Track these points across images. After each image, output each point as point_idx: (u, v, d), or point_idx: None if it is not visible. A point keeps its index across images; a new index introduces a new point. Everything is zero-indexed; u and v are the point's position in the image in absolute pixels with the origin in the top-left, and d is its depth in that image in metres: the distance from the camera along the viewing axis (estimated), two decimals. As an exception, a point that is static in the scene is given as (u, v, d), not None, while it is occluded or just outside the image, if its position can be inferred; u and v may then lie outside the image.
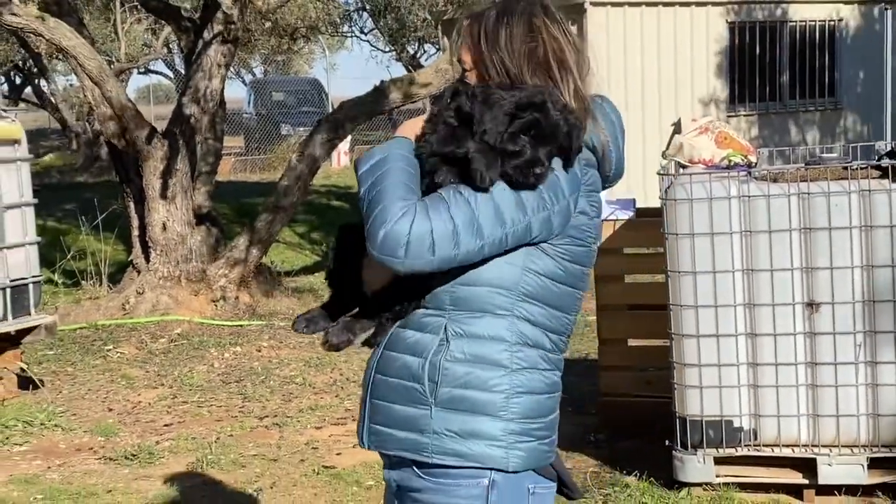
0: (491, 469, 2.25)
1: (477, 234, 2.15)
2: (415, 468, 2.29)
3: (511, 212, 2.18)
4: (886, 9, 12.18)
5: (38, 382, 6.75)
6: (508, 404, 2.25)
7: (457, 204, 2.16)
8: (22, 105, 28.03)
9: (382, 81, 8.58)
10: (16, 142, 6.37)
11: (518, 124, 2.17)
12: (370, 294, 2.35)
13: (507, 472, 2.27)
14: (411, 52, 27.55)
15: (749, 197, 4.60)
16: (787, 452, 4.69)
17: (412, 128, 2.31)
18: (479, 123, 2.17)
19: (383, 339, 2.34)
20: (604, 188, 2.40)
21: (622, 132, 2.40)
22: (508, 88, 2.23)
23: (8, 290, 6.37)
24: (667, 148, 5.36)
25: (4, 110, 6.57)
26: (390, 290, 2.30)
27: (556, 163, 2.23)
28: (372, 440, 2.34)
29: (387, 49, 28.68)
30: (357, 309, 2.39)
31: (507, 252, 2.23)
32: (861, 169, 4.60)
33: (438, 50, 23.89)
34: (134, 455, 5.64)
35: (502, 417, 2.25)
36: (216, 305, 8.82)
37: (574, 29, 2.43)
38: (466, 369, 2.24)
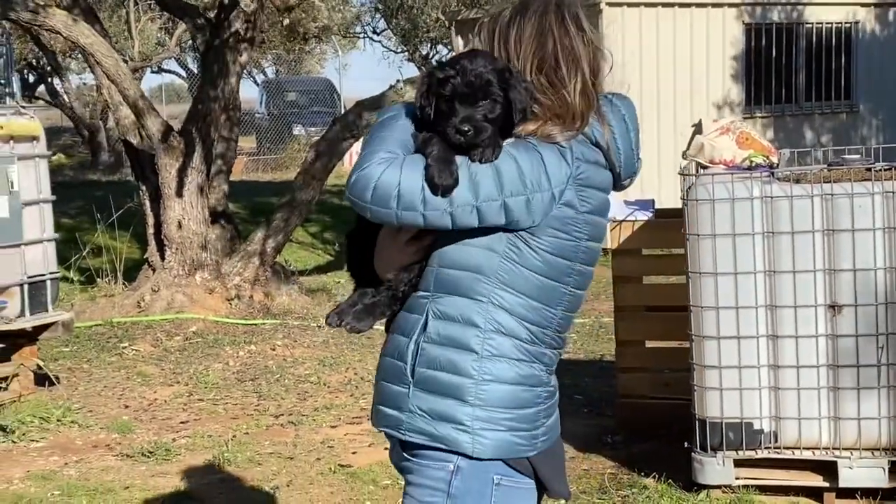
0: (457, 453, 2.29)
1: (446, 199, 2.19)
2: (399, 447, 2.37)
3: (486, 186, 2.20)
4: (904, 11, 12.13)
5: (53, 379, 6.75)
6: (476, 390, 2.28)
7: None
8: (23, 104, 28.05)
9: (398, 80, 8.57)
10: (34, 138, 6.38)
11: (434, 89, 2.25)
12: (384, 280, 2.41)
13: (471, 458, 2.29)
14: (424, 52, 27.52)
15: (772, 198, 4.57)
16: (807, 455, 4.66)
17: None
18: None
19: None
20: (617, 188, 2.41)
21: (635, 131, 2.39)
22: None
23: (26, 287, 6.37)
24: (687, 148, 5.34)
25: (24, 107, 6.57)
26: (398, 274, 2.38)
27: (547, 151, 2.25)
28: (374, 418, 2.44)
29: (399, 49, 28.66)
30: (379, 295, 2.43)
31: (484, 234, 2.25)
32: (885, 170, 4.57)
33: (451, 50, 23.86)
34: (151, 452, 5.64)
35: (469, 403, 2.28)
36: (231, 304, 8.82)
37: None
38: (440, 351, 2.28)
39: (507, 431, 2.30)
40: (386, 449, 5.77)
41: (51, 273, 6.54)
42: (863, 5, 13.27)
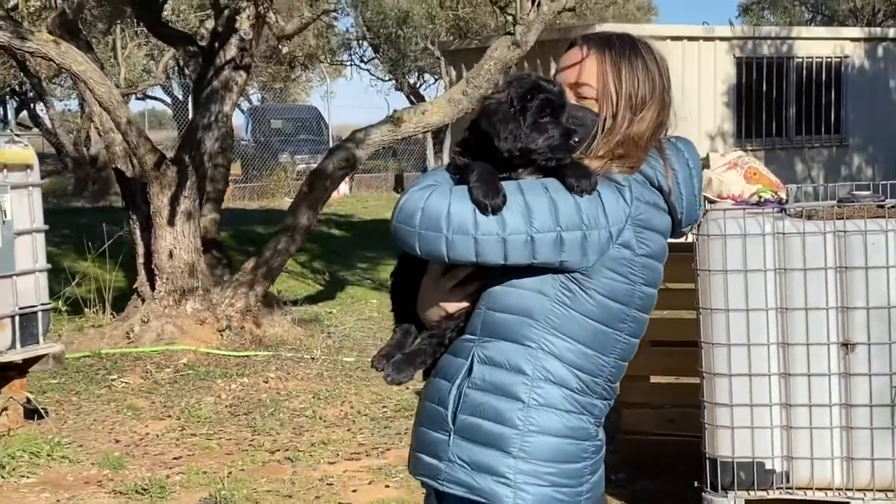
0: None
1: (499, 223, 2.09)
2: (435, 497, 2.27)
3: (542, 217, 2.11)
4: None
5: (42, 413, 6.61)
6: (521, 441, 2.17)
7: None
8: (11, 131, 27.85)
9: (395, 111, 8.50)
10: (28, 167, 6.27)
11: (534, 110, 2.16)
12: (426, 325, 2.31)
13: None
14: (411, 81, 27.55)
15: (784, 234, 4.51)
16: (819, 496, 4.57)
17: None
18: (498, 139, 2.16)
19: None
20: (675, 234, 2.33)
21: (699, 177, 2.33)
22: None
23: (17, 318, 6.24)
24: (695, 183, 5.28)
25: (18, 135, 6.46)
26: (442, 321, 2.28)
27: (605, 188, 2.16)
28: (411, 465, 2.34)
29: (387, 78, 28.69)
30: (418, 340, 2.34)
31: (535, 275, 2.16)
32: (897, 207, 4.52)
33: (438, 79, 23.90)
34: (144, 489, 5.51)
35: (512, 454, 2.17)
36: (222, 335, 8.69)
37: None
38: (484, 398, 2.18)
39: (550, 487, 2.20)
40: (388, 486, 5.70)
41: (42, 304, 6.41)
42: (852, 40, 13.35)
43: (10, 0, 7.15)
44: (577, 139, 2.15)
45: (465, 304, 2.24)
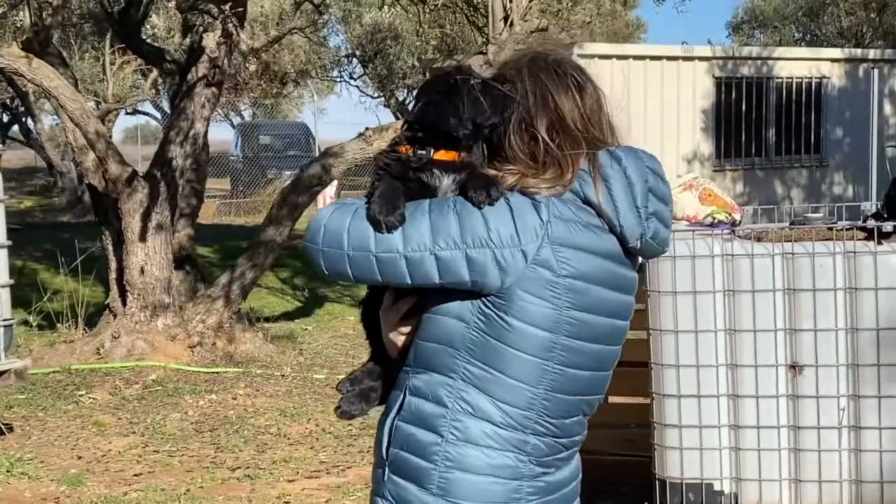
0: None
1: (399, 240, 2.04)
2: None
3: (446, 233, 2.03)
4: (873, 68, 12.24)
5: (4, 429, 6.59)
6: (438, 476, 2.07)
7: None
8: (0, 146, 27.86)
9: (367, 128, 8.53)
10: (-9, 183, 6.28)
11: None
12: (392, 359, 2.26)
13: None
14: (400, 98, 27.61)
15: (732, 256, 4.53)
16: (768, 518, 4.59)
17: None
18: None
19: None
20: (629, 252, 2.16)
21: (642, 187, 2.13)
22: None
23: (-22, 334, 6.24)
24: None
25: (-19, 151, 6.46)
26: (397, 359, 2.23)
27: (519, 205, 2.06)
28: None
29: (376, 95, 28.76)
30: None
31: (455, 300, 2.07)
32: (846, 230, 4.54)
33: (427, 97, 23.88)
34: (100, 507, 5.50)
35: (431, 491, 2.07)
36: (193, 351, 8.68)
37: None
38: (410, 430, 2.11)
39: None
40: (344, 505, 5.65)
41: (4, 320, 6.41)
42: (832, 61, 13.41)
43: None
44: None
45: (409, 340, 2.17)
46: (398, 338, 2.19)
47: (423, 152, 2.15)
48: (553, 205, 2.07)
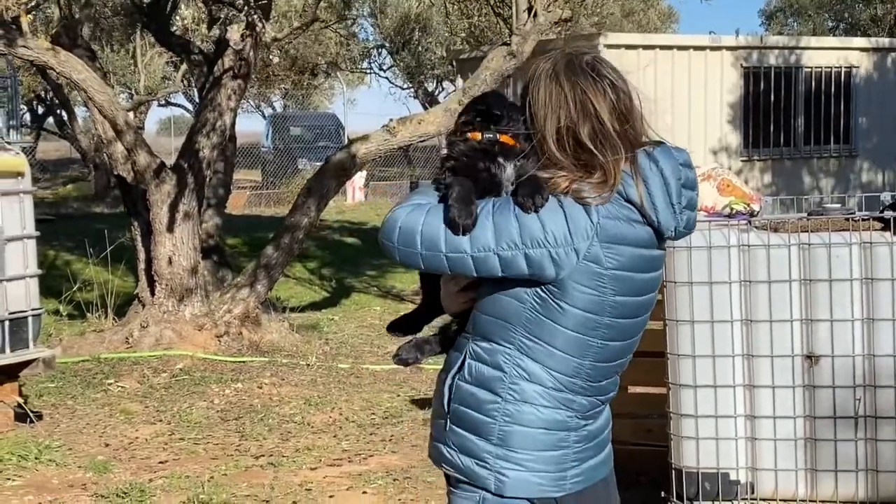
0: (480, 488, 2.40)
1: (467, 242, 2.29)
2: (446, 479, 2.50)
3: (508, 235, 2.27)
4: (902, 57, 12.15)
5: (33, 417, 6.71)
6: (498, 429, 2.37)
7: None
8: (28, 137, 28.11)
9: (391, 120, 8.58)
10: (19, 174, 6.38)
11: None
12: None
13: (493, 493, 2.39)
14: (429, 89, 27.64)
15: (749, 246, 4.54)
16: (784, 507, 4.60)
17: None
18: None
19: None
20: (663, 241, 2.41)
21: (676, 185, 2.37)
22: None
23: (7, 323, 6.35)
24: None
25: (9, 143, 6.57)
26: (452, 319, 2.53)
27: (572, 208, 2.29)
28: (429, 451, 2.56)
29: (405, 86, 28.81)
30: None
31: (515, 285, 2.33)
32: (863, 220, 4.54)
33: (456, 88, 23.97)
34: (125, 492, 5.59)
35: (491, 441, 2.38)
36: (220, 341, 8.78)
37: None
38: (472, 390, 2.39)
39: (527, 472, 2.38)
40: (365, 493, 5.76)
41: (33, 309, 6.51)
42: (861, 50, 13.30)
43: (10, 10, 7.24)
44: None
45: (465, 307, 2.46)
46: (453, 305, 2.50)
47: (491, 135, 2.38)
48: (601, 206, 2.32)
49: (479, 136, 2.38)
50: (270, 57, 9.28)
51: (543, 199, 2.28)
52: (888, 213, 4.55)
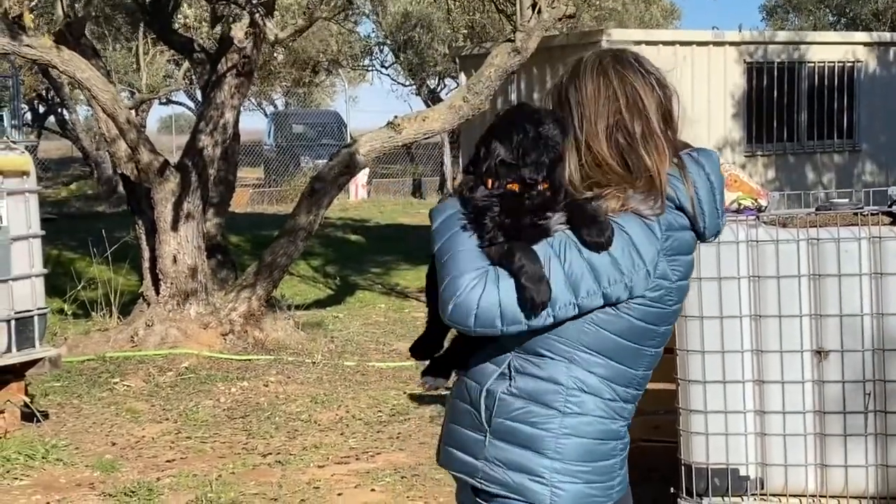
0: (529, 502, 2.30)
1: (550, 304, 2.17)
2: (472, 492, 2.37)
3: (586, 283, 2.17)
4: (906, 51, 12.13)
5: (39, 416, 6.71)
6: (556, 444, 2.28)
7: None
8: (33, 136, 28.14)
9: (395, 117, 8.57)
10: (24, 174, 6.37)
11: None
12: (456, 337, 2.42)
13: None
14: (431, 86, 27.61)
15: (757, 242, 4.52)
16: (794, 502, 4.59)
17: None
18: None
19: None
20: (702, 241, 2.35)
21: (720, 190, 2.33)
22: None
23: (13, 323, 6.34)
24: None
25: (14, 142, 6.56)
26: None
27: (635, 229, 2.19)
28: (442, 458, 2.44)
29: (407, 83, 28.78)
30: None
31: None
32: (872, 215, 4.53)
33: (458, 85, 23.97)
34: (133, 491, 5.59)
35: (547, 455, 2.28)
36: (225, 339, 8.78)
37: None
38: (521, 404, 2.28)
39: (583, 484, 2.31)
40: (373, 490, 5.74)
41: (39, 308, 6.51)
42: (864, 44, 13.27)
43: (13, 9, 7.22)
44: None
45: None
46: None
47: (539, 188, 2.20)
48: (662, 217, 2.24)
49: (516, 186, 2.21)
50: (275, 55, 9.23)
51: (611, 232, 2.16)
52: (897, 208, 4.54)
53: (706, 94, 12.23)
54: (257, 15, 7.57)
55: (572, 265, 2.17)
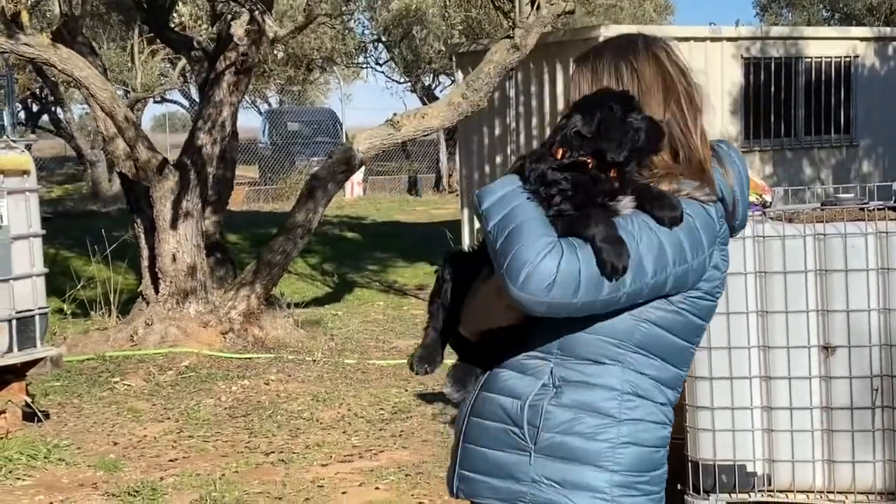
0: None
1: (620, 282, 2.03)
2: None
3: (660, 259, 2.06)
4: (903, 46, 12.12)
5: (41, 416, 6.68)
6: (614, 455, 2.13)
7: None
8: (32, 135, 28.05)
9: (395, 114, 8.55)
10: (25, 172, 6.34)
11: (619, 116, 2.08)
12: (477, 340, 2.27)
13: None
14: (426, 83, 27.58)
15: (764, 237, 4.52)
16: (801, 499, 4.59)
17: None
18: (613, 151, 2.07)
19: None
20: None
21: (747, 180, 2.28)
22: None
23: (14, 322, 6.31)
24: (680, 186, 5.28)
25: (14, 141, 6.53)
26: (499, 337, 2.21)
27: (695, 212, 2.11)
28: (462, 487, 2.24)
29: (402, 80, 28.76)
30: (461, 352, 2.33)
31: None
32: (878, 210, 4.52)
33: (453, 82, 23.97)
34: (137, 491, 5.56)
35: (607, 468, 2.12)
36: (225, 337, 8.76)
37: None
38: (571, 415, 2.12)
39: (643, 496, 2.18)
40: (377, 489, 5.72)
41: (40, 308, 6.48)
42: (862, 40, 13.26)
43: (9, 7, 7.19)
44: (638, 137, 2.09)
45: (516, 321, 2.16)
46: (502, 319, 2.16)
47: (610, 173, 2.09)
48: (713, 206, 2.17)
49: (590, 161, 2.08)
50: (275, 52, 9.20)
51: (681, 209, 2.07)
52: (904, 203, 4.53)
53: (703, 89, 12.20)
54: (257, 12, 7.55)
55: (644, 243, 2.05)
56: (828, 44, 13.12)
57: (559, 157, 2.10)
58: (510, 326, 2.18)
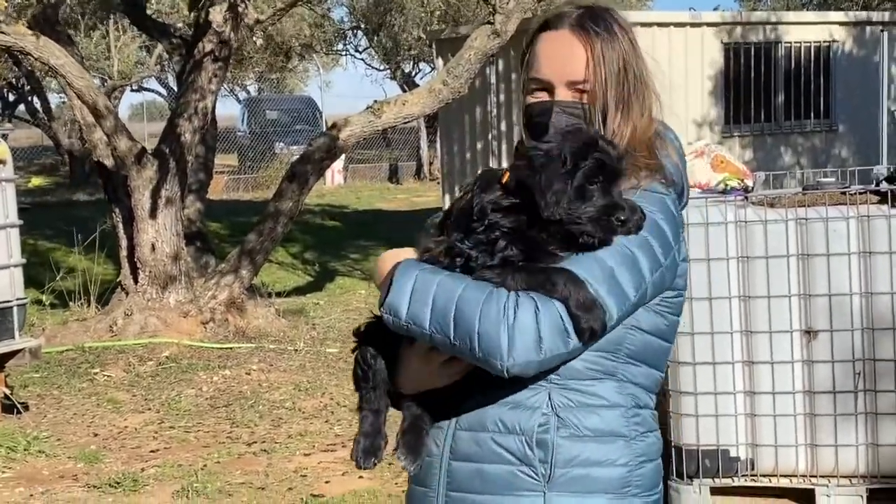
0: None
1: (607, 317, 1.88)
2: None
3: (636, 276, 1.90)
4: (882, 31, 12.14)
5: (20, 408, 6.63)
6: (632, 478, 1.97)
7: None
8: (8, 124, 27.82)
9: (375, 101, 8.50)
10: (1, 162, 6.27)
11: (585, 172, 1.87)
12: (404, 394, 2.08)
13: None
14: (406, 70, 27.51)
15: (746, 222, 4.51)
16: (784, 483, 4.59)
17: (397, 255, 2.00)
18: (542, 199, 1.85)
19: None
20: None
21: (684, 162, 2.12)
22: (546, 141, 1.92)
23: (-9, 313, 6.26)
24: (662, 171, 5.27)
25: (-9, 131, 6.46)
26: (457, 387, 2.00)
27: (655, 205, 1.95)
28: None
29: (381, 67, 28.66)
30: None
31: None
32: (860, 194, 4.52)
33: (433, 69, 23.89)
34: (118, 482, 5.53)
35: (626, 494, 1.96)
36: (205, 327, 8.70)
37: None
38: (583, 444, 1.95)
39: None
40: (361, 477, 5.69)
41: (18, 299, 6.42)
42: (840, 24, 13.29)
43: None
44: (622, 218, 1.89)
45: (458, 376, 1.98)
46: (444, 377, 1.99)
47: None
48: (672, 194, 2.02)
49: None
50: (255, 39, 9.13)
51: (643, 215, 1.91)
52: (885, 187, 4.54)
53: (684, 75, 12.20)
54: (235, -1, 7.50)
55: (616, 263, 1.89)
56: (807, 29, 13.15)
57: (503, 181, 1.93)
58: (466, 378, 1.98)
